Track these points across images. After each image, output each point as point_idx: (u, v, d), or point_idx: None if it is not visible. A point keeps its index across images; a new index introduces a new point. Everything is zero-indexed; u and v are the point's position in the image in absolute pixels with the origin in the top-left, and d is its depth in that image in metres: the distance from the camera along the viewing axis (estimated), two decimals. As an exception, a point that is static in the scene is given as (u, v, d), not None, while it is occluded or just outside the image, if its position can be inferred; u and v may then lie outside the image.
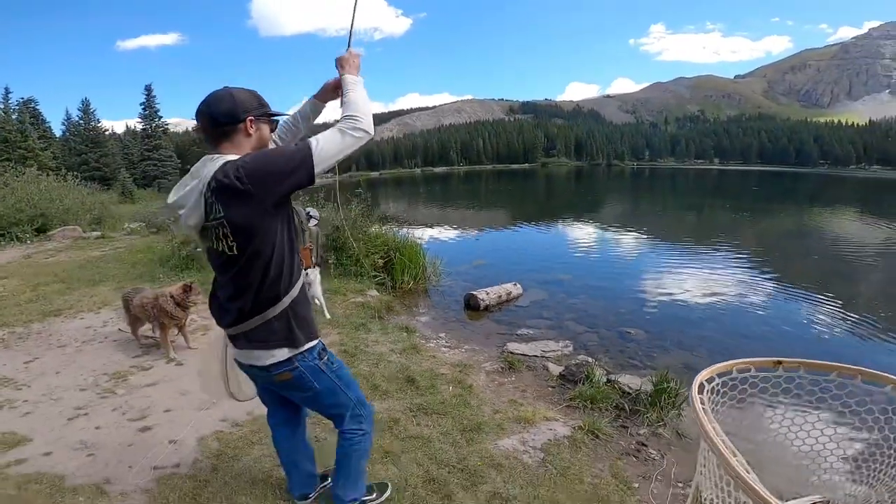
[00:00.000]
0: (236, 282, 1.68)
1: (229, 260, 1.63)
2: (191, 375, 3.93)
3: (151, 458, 2.77)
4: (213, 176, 1.54)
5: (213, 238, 1.62)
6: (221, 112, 1.63)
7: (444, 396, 3.48)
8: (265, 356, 1.74)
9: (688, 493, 2.64)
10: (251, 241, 1.59)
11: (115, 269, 7.97)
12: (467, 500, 2.42)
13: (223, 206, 1.54)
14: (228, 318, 1.74)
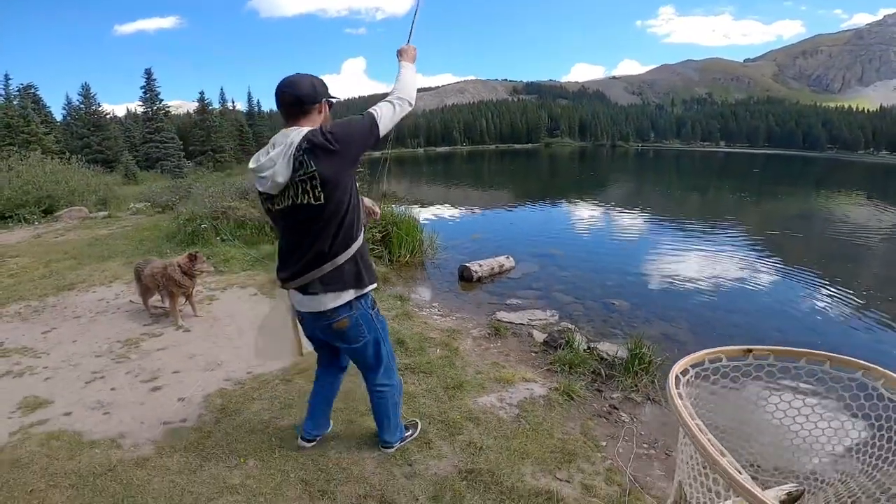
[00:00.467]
0: (316, 230, 1.97)
1: (313, 210, 1.93)
2: (197, 340, 4.24)
3: (161, 415, 3.06)
4: (305, 138, 1.89)
5: (298, 192, 1.92)
6: (305, 94, 1.98)
7: (431, 358, 3.77)
8: (334, 299, 2.06)
9: (651, 455, 2.88)
10: (335, 191, 1.93)
11: (123, 246, 8.25)
12: (444, 448, 2.70)
13: (315, 162, 1.87)
14: (301, 268, 2.03)
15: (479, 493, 2.34)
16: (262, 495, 2.31)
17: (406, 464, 2.55)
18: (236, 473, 2.46)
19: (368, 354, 2.29)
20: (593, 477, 2.54)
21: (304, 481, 2.41)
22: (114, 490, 2.34)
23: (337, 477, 2.44)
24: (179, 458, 2.59)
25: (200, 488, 2.36)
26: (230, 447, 2.67)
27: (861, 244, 11.10)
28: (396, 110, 2.08)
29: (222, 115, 52.87)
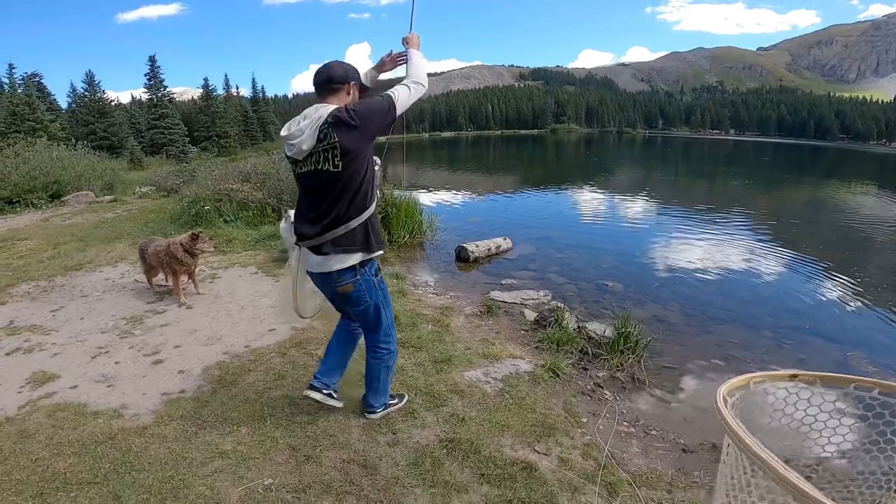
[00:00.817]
0: (333, 195, 2.21)
1: (332, 176, 2.17)
2: (199, 317, 4.40)
3: (162, 386, 3.23)
4: (331, 114, 2.14)
5: (319, 159, 2.18)
6: (337, 76, 2.29)
7: (422, 333, 3.91)
8: (341, 262, 2.27)
9: (631, 433, 2.98)
10: (353, 162, 2.17)
11: (128, 228, 8.44)
12: (428, 419, 2.84)
13: (337, 134, 2.12)
14: (317, 229, 2.25)
15: (458, 461, 2.47)
16: (252, 459, 2.45)
17: (390, 432, 2.70)
18: (228, 440, 2.61)
19: (370, 317, 2.51)
20: (571, 451, 2.65)
21: (291, 447, 2.56)
22: (113, 456, 2.49)
23: (323, 443, 2.58)
24: (176, 427, 2.74)
25: (194, 454, 2.50)
26: (224, 416, 2.83)
27: (862, 232, 11.12)
28: (412, 92, 2.33)
29: (226, 101, 52.86)
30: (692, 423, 3.29)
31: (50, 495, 2.20)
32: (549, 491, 2.28)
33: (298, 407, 2.90)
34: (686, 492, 2.43)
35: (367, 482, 2.32)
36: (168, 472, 2.37)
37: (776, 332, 5.07)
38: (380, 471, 2.40)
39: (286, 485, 2.29)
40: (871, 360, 4.52)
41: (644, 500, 2.32)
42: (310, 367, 3.36)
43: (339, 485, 2.30)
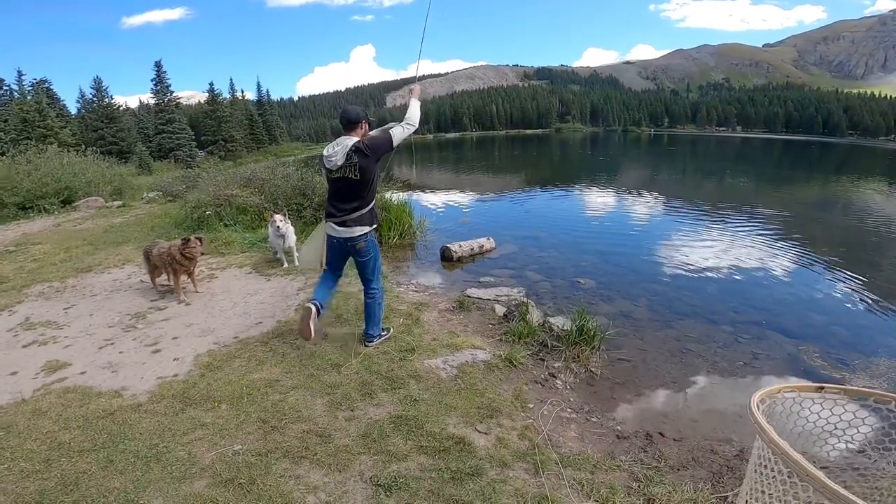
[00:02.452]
0: (354, 194, 3.59)
1: (353, 182, 3.55)
2: (195, 312, 4.86)
3: (158, 371, 3.71)
4: (354, 144, 3.51)
5: (346, 172, 3.52)
6: (353, 117, 3.67)
7: (393, 326, 4.33)
8: (360, 230, 3.67)
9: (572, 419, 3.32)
10: (366, 174, 3.53)
11: (135, 233, 8.92)
12: (385, 399, 3.26)
13: (357, 157, 3.49)
14: (345, 213, 3.62)
15: (403, 435, 2.88)
16: (227, 430, 2.92)
17: (349, 409, 3.12)
18: (210, 415, 3.07)
19: (369, 266, 3.84)
20: (509, 432, 3.01)
21: (262, 420, 3.01)
22: (111, 429, 2.96)
23: (289, 417, 3.04)
24: (167, 404, 3.22)
25: (179, 426, 2.97)
26: (209, 395, 3.29)
27: (843, 226, 11.41)
28: (404, 131, 3.74)
29: (232, 105, 53.61)
30: (633, 411, 3.65)
31: (55, 461, 2.66)
32: (478, 464, 2.64)
33: (272, 387, 3.36)
34: (607, 474, 2.72)
35: (321, 449, 2.76)
36: (154, 440, 2.83)
37: (736, 326, 5.34)
38: (333, 440, 2.83)
39: (252, 450, 2.73)
40: (823, 354, 4.75)
41: (567, 478, 2.62)
42: (288, 355, 3.83)
43: (297, 451, 2.73)
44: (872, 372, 4.44)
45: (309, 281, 5.65)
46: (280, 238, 6.08)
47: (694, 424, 3.53)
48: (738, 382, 4.22)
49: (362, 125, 3.70)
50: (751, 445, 3.24)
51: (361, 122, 3.69)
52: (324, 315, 4.03)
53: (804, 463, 1.48)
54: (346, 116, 3.66)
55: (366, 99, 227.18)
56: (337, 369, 3.59)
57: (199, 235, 5.27)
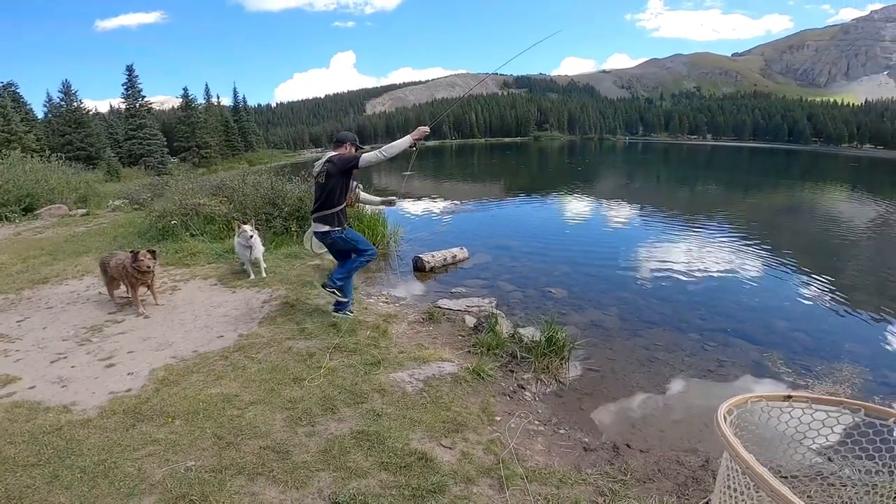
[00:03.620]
0: (321, 195, 4.39)
1: (321, 185, 4.39)
2: (154, 325, 4.69)
3: (111, 386, 3.56)
4: (329, 158, 4.38)
5: (319, 177, 4.41)
6: (340, 138, 4.57)
7: (360, 339, 4.24)
8: (323, 227, 4.43)
9: (540, 431, 3.27)
10: (329, 180, 4.34)
11: (97, 242, 8.62)
12: (347, 413, 3.16)
13: (328, 165, 4.34)
14: (316, 211, 4.44)
15: (364, 451, 2.79)
16: (179, 446, 2.80)
17: (309, 425, 3.02)
18: (163, 430, 2.95)
19: (345, 250, 4.64)
20: (475, 446, 2.95)
21: (217, 435, 2.89)
22: (57, 444, 2.83)
23: (246, 433, 2.92)
24: (117, 420, 3.08)
25: (129, 441, 2.85)
26: (162, 410, 3.17)
27: (807, 232, 11.74)
28: (376, 158, 4.28)
29: (207, 111, 52.68)
30: (601, 423, 3.63)
31: (-1, 475, 2.52)
32: (441, 481, 2.57)
33: (230, 402, 3.24)
34: (573, 488, 2.68)
35: (277, 465, 2.66)
36: (103, 456, 2.71)
37: (702, 334, 5.39)
38: (292, 456, 2.73)
39: (205, 466, 2.63)
40: (787, 360, 4.81)
41: (532, 493, 2.57)
42: (248, 369, 3.71)
43: (253, 467, 2.63)
44: (836, 378, 4.50)
45: (274, 294, 5.53)
46: (247, 249, 5.92)
47: (661, 435, 3.53)
48: (705, 391, 4.23)
49: (346, 146, 4.51)
50: (716, 455, 3.28)
51: (346, 143, 4.53)
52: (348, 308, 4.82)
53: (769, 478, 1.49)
54: (337, 137, 4.61)
55: (345, 106, 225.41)
56: (299, 383, 3.48)
57: (150, 248, 5.09)
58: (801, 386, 4.37)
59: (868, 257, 9.82)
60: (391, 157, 4.28)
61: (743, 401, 1.96)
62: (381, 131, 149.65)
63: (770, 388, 4.31)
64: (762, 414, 2.02)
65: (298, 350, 3.98)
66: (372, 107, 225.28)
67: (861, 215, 15.64)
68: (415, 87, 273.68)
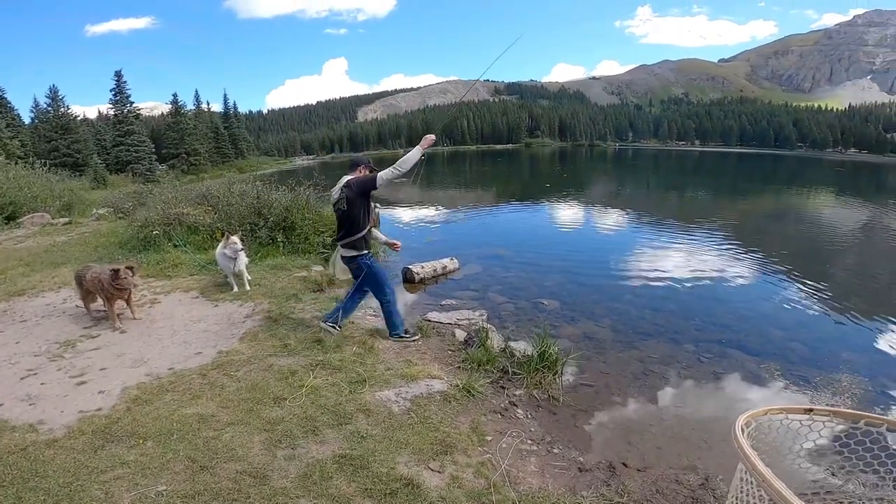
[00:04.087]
0: (344, 222, 4.36)
1: (343, 212, 4.30)
2: (130, 341, 4.51)
3: (81, 405, 3.38)
4: (346, 182, 4.27)
5: (338, 203, 4.28)
6: (355, 161, 4.56)
7: (345, 355, 4.05)
8: (349, 252, 4.39)
9: (533, 451, 3.12)
10: (350, 206, 4.25)
11: (77, 252, 8.37)
12: (330, 435, 2.99)
13: (346, 191, 4.23)
14: (341, 238, 4.42)
15: (347, 476, 2.62)
16: (150, 468, 2.65)
17: (289, 447, 2.85)
18: (133, 452, 2.79)
19: (370, 282, 4.51)
20: (464, 469, 2.79)
21: (190, 458, 2.73)
22: (22, 465, 2.67)
23: (222, 456, 2.76)
24: (85, 440, 2.92)
25: (97, 463, 2.69)
26: (133, 431, 3.00)
27: (796, 237, 11.76)
28: (392, 174, 4.15)
29: (197, 118, 52.31)
30: (596, 440, 3.49)
31: (-40, 496, 2.35)
32: None
33: (206, 423, 3.07)
34: None
35: (255, 491, 2.49)
36: (69, 478, 2.56)
37: (698, 345, 5.28)
38: (270, 481, 2.57)
39: (178, 491, 2.47)
40: (785, 371, 4.72)
41: None
42: (227, 388, 3.53)
43: (228, 493, 2.47)
44: (835, 388, 4.42)
45: (258, 307, 5.34)
46: (231, 261, 5.73)
47: (658, 451, 3.41)
48: (702, 405, 4.13)
49: (360, 169, 4.46)
50: (716, 473, 3.16)
51: (360, 166, 4.49)
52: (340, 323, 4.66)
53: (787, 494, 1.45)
54: (351, 160, 4.64)
55: (337, 113, 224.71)
56: (279, 403, 3.30)
57: (129, 265, 4.89)
58: (801, 398, 4.26)
59: (856, 262, 9.87)
60: (406, 172, 4.19)
61: (762, 413, 1.90)
62: (373, 138, 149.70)
63: (770, 400, 4.19)
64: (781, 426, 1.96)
65: (280, 368, 3.80)
66: (364, 114, 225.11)
67: (848, 220, 15.77)
68: (407, 94, 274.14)
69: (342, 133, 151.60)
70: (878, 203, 20.51)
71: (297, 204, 8.10)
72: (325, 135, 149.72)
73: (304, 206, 8.14)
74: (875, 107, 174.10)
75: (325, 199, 8.95)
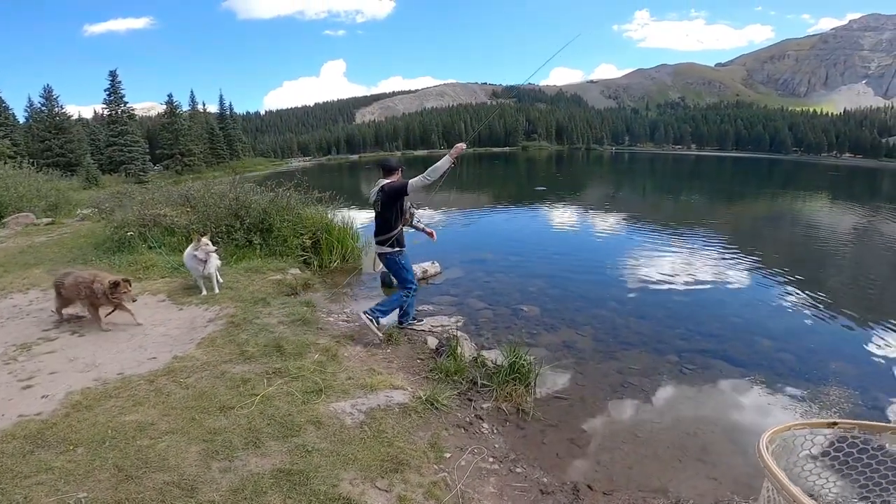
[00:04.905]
0: (379, 222, 4.81)
1: (378, 214, 4.80)
2: (86, 344, 4.37)
3: (22, 409, 3.24)
4: (382, 185, 4.74)
5: (375, 205, 4.80)
6: (390, 166, 4.93)
7: (305, 363, 3.86)
8: (383, 249, 4.84)
9: (493, 470, 2.95)
10: (385, 209, 4.74)
11: (52, 254, 8.18)
12: (273, 448, 2.81)
13: (381, 195, 4.72)
14: (376, 235, 4.85)
15: (283, 492, 2.46)
16: (75, 475, 2.55)
17: (227, 459, 2.69)
18: (61, 458, 2.67)
19: (396, 276, 5.08)
20: (415, 489, 2.62)
21: (118, 467, 2.60)
22: None
23: (152, 465, 2.62)
24: (16, 444, 2.80)
25: (22, 468, 2.57)
26: (66, 437, 2.88)
27: (790, 242, 11.64)
28: (422, 182, 4.45)
29: (192, 118, 52.11)
30: (564, 459, 3.31)
31: None
32: None
33: (143, 431, 2.94)
34: None
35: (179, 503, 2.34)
36: None
37: (681, 356, 5.08)
38: (198, 494, 2.42)
39: (98, 499, 2.37)
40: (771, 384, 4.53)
41: None
42: (173, 395, 3.38)
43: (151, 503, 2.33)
44: (824, 402, 4.25)
45: (223, 311, 5.16)
46: (200, 263, 5.55)
47: (628, 472, 3.23)
48: (679, 421, 3.92)
49: (396, 172, 4.85)
50: (687, 497, 3.00)
51: (396, 170, 4.87)
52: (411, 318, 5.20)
53: None
54: (388, 165, 4.92)
55: (335, 114, 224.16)
56: (225, 413, 3.12)
57: (126, 278, 4.68)
58: (788, 414, 4.07)
59: (850, 268, 9.75)
60: (436, 180, 4.46)
61: (786, 428, 1.87)
62: (371, 140, 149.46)
63: (754, 416, 4.03)
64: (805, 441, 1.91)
65: (233, 375, 3.62)
66: (361, 115, 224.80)
67: (842, 225, 15.68)
68: (405, 97, 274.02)
69: (339, 135, 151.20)
70: (871, 208, 20.47)
71: (277, 205, 7.93)
72: (322, 136, 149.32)
73: (283, 208, 7.97)
74: (870, 111, 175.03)
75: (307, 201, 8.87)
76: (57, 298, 4.90)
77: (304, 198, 8.69)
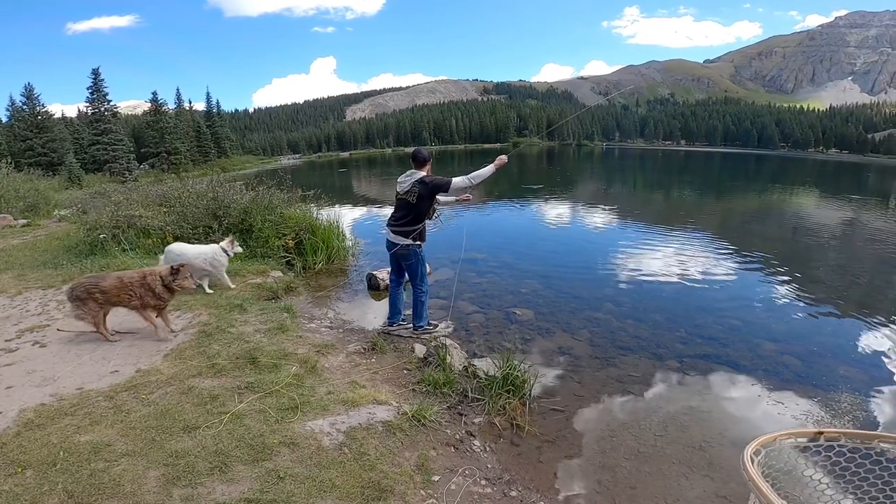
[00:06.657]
0: (408, 213, 4.65)
1: (410, 204, 4.63)
2: (46, 356, 4.03)
3: None
4: (421, 178, 4.62)
5: (409, 195, 4.62)
6: (424, 157, 4.76)
7: (280, 376, 3.55)
8: (404, 241, 4.70)
9: (486, 494, 2.70)
10: (421, 201, 4.60)
11: (23, 257, 7.80)
12: (242, 473, 2.54)
13: (419, 186, 4.57)
14: (398, 225, 4.71)
15: (249, 526, 2.17)
16: (20, 500, 2.32)
17: (189, 486, 2.42)
18: (9, 482, 2.44)
19: (413, 270, 4.84)
20: None
21: (68, 492, 2.37)
22: None
23: (105, 492, 2.38)
24: None
25: None
26: (15, 458, 2.63)
27: (783, 238, 11.53)
28: (463, 182, 4.52)
29: (178, 116, 51.28)
30: (562, 479, 3.08)
31: None
32: None
33: (98, 453, 2.67)
34: None
35: (133, 533, 2.05)
36: None
37: (682, 361, 4.87)
38: None
39: None
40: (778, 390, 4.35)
41: None
42: (133, 412, 3.09)
43: None
44: (835, 410, 4.05)
45: (195, 319, 4.82)
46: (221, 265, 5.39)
47: (631, 493, 2.99)
48: (684, 434, 3.68)
49: (428, 164, 4.76)
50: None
51: (428, 161, 4.76)
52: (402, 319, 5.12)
53: None
54: (421, 156, 4.76)
55: (325, 112, 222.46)
56: (190, 433, 2.83)
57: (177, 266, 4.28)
58: (797, 421, 3.87)
59: (844, 263, 9.66)
60: (476, 185, 4.59)
61: (771, 439, 1.82)
62: (361, 137, 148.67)
63: (762, 426, 3.77)
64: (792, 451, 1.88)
65: (201, 390, 3.31)
66: (352, 113, 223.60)
67: (832, 219, 15.68)
68: (395, 94, 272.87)
69: (330, 132, 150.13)
70: (859, 203, 20.52)
71: (258, 205, 7.60)
72: (312, 134, 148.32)
73: (265, 208, 7.65)
74: (856, 107, 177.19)
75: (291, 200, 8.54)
76: (89, 311, 4.11)
77: (288, 196, 8.39)
